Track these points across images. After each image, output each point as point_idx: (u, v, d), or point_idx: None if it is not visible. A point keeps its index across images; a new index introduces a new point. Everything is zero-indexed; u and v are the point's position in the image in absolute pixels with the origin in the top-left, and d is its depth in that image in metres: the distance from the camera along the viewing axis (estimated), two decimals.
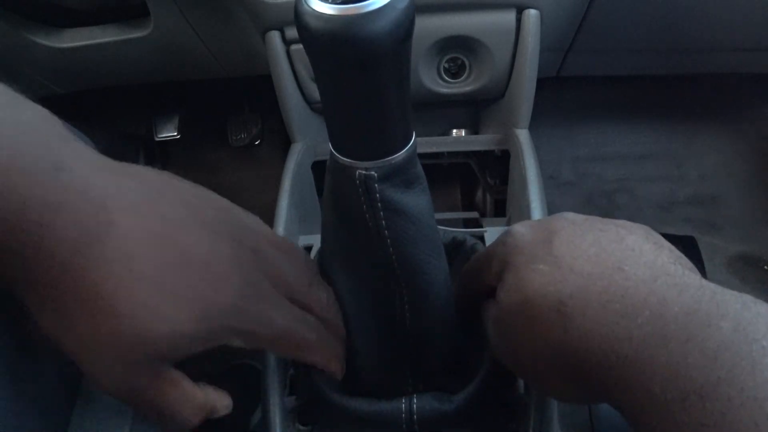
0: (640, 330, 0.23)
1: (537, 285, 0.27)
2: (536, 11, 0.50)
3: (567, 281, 0.26)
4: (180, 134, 0.91)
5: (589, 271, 0.26)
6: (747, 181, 0.86)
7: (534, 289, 0.27)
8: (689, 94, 0.86)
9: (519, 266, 0.28)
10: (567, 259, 0.27)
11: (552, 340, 0.26)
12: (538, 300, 0.26)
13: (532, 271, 0.28)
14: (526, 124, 0.54)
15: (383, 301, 0.33)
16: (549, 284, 0.26)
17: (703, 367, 0.20)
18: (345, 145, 0.27)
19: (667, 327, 0.22)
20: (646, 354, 0.22)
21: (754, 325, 0.20)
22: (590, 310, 0.25)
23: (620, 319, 0.23)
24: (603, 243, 0.27)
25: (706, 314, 0.21)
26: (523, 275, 0.28)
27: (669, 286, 0.24)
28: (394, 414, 0.35)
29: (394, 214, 0.28)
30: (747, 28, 0.62)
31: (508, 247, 0.30)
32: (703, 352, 0.20)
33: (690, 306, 0.22)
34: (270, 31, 0.52)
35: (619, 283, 0.25)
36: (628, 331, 0.23)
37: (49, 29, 0.60)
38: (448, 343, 0.35)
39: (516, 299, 0.28)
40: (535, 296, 0.27)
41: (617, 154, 0.88)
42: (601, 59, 0.69)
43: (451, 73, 0.55)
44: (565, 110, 0.88)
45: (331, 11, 0.21)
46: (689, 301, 0.22)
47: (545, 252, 0.28)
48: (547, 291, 0.26)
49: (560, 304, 0.26)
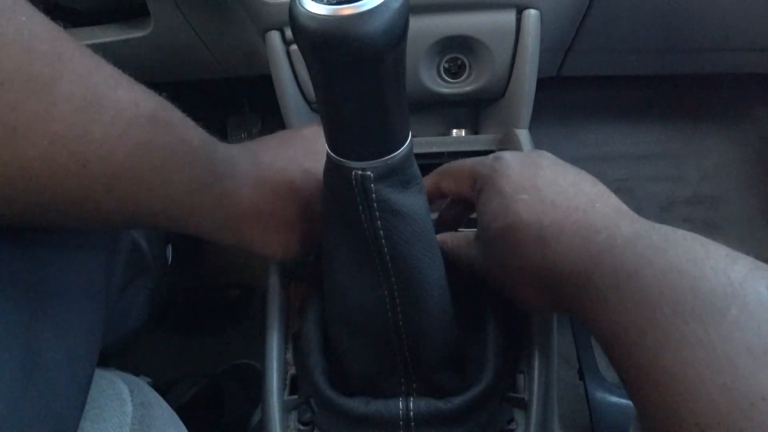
0: (597, 246, 0.28)
1: (522, 214, 0.32)
2: (536, 11, 0.50)
3: (547, 213, 0.31)
4: None
5: (567, 205, 0.31)
6: (747, 181, 0.86)
7: (519, 217, 0.32)
8: (689, 94, 0.86)
9: (507, 194, 0.33)
10: (549, 193, 0.32)
11: (532, 260, 0.31)
12: (522, 227, 0.32)
13: (518, 201, 0.33)
14: (526, 124, 0.54)
15: (376, 300, 0.33)
16: (532, 214, 0.32)
17: (634, 263, 0.25)
18: (341, 146, 0.27)
19: (616, 242, 0.27)
20: (597, 260, 0.28)
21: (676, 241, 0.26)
22: (564, 237, 0.30)
23: (585, 242, 0.29)
24: (581, 184, 0.33)
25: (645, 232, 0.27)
26: (510, 203, 0.33)
27: (626, 218, 0.29)
28: (391, 414, 0.35)
29: (389, 214, 0.29)
30: (747, 28, 0.62)
31: (498, 173, 0.35)
32: (637, 252, 0.26)
33: (637, 230, 0.28)
34: (270, 31, 0.52)
35: (589, 216, 0.30)
36: (588, 249, 0.29)
37: None
38: (444, 344, 0.35)
39: (502, 224, 0.33)
40: (520, 224, 0.32)
41: (617, 154, 0.88)
42: (601, 59, 0.69)
43: (451, 73, 0.55)
44: (565, 110, 0.88)
45: (325, 12, 0.21)
46: (637, 227, 0.28)
47: (531, 184, 0.33)
48: (530, 220, 0.32)
49: (540, 231, 0.31)
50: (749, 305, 0.21)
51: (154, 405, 0.40)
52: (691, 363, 0.21)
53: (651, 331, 0.23)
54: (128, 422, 0.37)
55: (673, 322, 0.23)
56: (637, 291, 0.25)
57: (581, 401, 0.68)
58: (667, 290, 0.24)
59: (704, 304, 0.22)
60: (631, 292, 0.25)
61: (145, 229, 0.30)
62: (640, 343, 0.24)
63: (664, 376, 0.22)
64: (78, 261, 0.36)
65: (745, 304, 0.22)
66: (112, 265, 0.42)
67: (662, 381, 0.22)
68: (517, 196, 0.33)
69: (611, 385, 0.67)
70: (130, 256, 0.46)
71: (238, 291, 0.87)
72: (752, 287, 0.22)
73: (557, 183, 0.33)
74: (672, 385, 0.22)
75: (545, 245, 0.31)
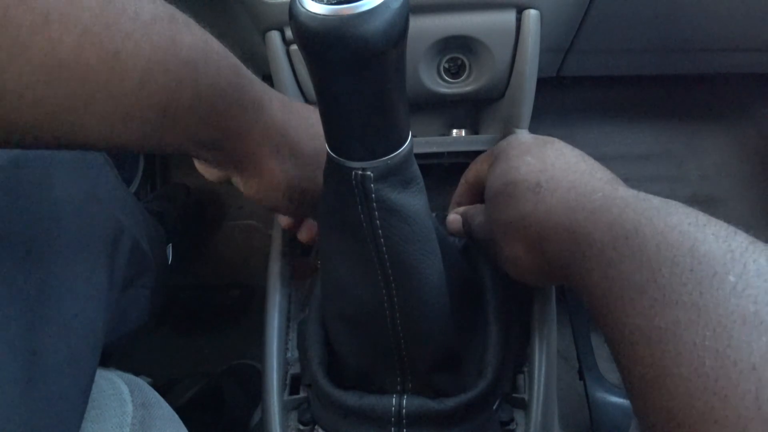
0: (592, 204, 0.29)
1: (522, 171, 0.34)
2: (536, 11, 0.50)
3: (546, 171, 0.33)
4: None
5: (566, 168, 0.33)
6: (747, 181, 0.86)
7: (518, 173, 0.34)
8: (689, 94, 0.86)
9: (512, 157, 0.36)
10: (551, 158, 0.34)
11: (524, 210, 0.32)
12: (520, 182, 0.33)
13: (521, 162, 0.35)
14: (526, 124, 0.54)
15: (374, 298, 0.33)
16: (531, 172, 0.33)
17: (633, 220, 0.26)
18: (340, 145, 0.27)
19: (614, 201, 0.28)
20: (594, 216, 0.28)
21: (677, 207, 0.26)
22: (558, 192, 0.31)
23: (580, 198, 0.30)
24: (586, 160, 0.34)
25: (645, 196, 0.28)
26: (513, 163, 0.35)
27: (623, 186, 0.31)
28: (384, 409, 0.35)
29: (389, 214, 0.29)
30: (747, 28, 0.62)
31: (509, 145, 0.37)
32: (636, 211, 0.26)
33: (635, 194, 0.29)
34: (270, 31, 0.52)
35: (586, 180, 0.32)
36: (583, 203, 0.30)
37: None
38: (441, 344, 0.35)
39: (503, 181, 0.35)
40: (519, 179, 0.34)
41: (617, 154, 0.88)
42: (601, 59, 0.69)
43: (451, 73, 0.55)
44: (565, 110, 0.88)
45: (325, 11, 0.21)
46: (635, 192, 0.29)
47: (536, 151, 0.35)
48: (528, 176, 0.33)
49: (536, 186, 0.33)
50: (748, 274, 0.21)
51: (154, 405, 0.40)
52: (685, 325, 0.21)
53: (648, 290, 0.23)
54: (128, 422, 0.37)
55: (670, 281, 0.22)
56: (637, 248, 0.24)
57: (581, 401, 0.68)
58: (666, 249, 0.23)
59: (702, 267, 0.22)
60: (630, 249, 0.25)
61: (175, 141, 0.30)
62: (636, 301, 0.23)
63: (657, 335, 0.22)
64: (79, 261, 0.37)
65: (744, 273, 0.21)
66: (113, 265, 0.42)
67: (654, 340, 0.22)
68: (521, 159, 0.35)
69: (611, 385, 0.67)
70: (131, 256, 0.46)
71: (238, 291, 0.87)
72: (752, 257, 0.22)
73: (563, 154, 0.35)
74: (663, 345, 0.22)
75: (538, 198, 0.32)
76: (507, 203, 0.34)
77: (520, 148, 0.36)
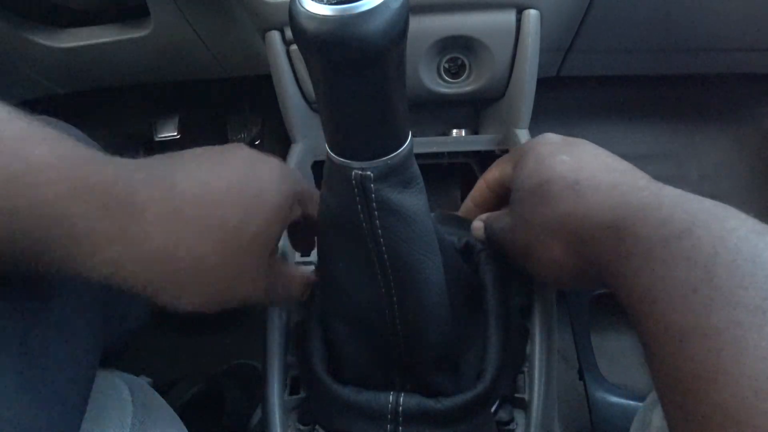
0: (640, 201, 0.28)
1: (557, 169, 0.32)
2: (536, 11, 0.50)
3: (584, 170, 0.32)
4: (180, 134, 0.91)
5: (604, 167, 0.32)
6: (747, 181, 0.86)
7: (554, 171, 0.32)
8: (689, 94, 0.86)
9: (544, 155, 0.34)
10: (587, 157, 0.33)
11: (563, 208, 0.31)
12: (556, 180, 0.32)
13: (556, 160, 0.33)
14: (526, 124, 0.54)
15: (373, 298, 0.33)
16: (569, 171, 0.32)
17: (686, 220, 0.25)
18: (341, 145, 0.27)
19: (663, 198, 0.27)
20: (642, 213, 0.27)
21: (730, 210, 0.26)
22: (601, 190, 0.30)
23: (625, 194, 0.29)
24: (622, 161, 0.33)
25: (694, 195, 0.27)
26: (547, 162, 0.33)
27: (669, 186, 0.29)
28: (380, 405, 0.35)
29: (388, 214, 0.29)
30: (747, 28, 0.62)
31: (537, 143, 0.36)
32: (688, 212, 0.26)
33: (683, 193, 0.28)
34: (270, 31, 0.52)
35: (630, 178, 0.31)
36: (629, 202, 0.28)
37: (49, 29, 0.60)
38: (440, 344, 0.35)
39: (537, 180, 0.33)
40: (555, 177, 0.32)
41: (617, 154, 0.87)
42: (601, 59, 0.69)
43: (451, 73, 0.55)
44: (565, 110, 0.88)
45: (324, 12, 0.21)
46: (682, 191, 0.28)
47: (569, 150, 0.34)
48: (565, 174, 0.32)
49: (575, 183, 0.31)
50: None
51: (154, 405, 0.40)
52: (747, 326, 0.21)
53: (704, 289, 0.22)
54: (128, 423, 0.37)
55: (730, 283, 0.22)
56: (691, 248, 0.24)
57: (581, 401, 0.68)
58: (723, 252, 0.23)
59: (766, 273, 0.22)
60: (682, 249, 0.24)
61: None
62: (691, 300, 0.23)
63: (713, 333, 0.22)
64: None
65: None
66: None
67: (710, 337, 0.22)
68: (555, 157, 0.33)
69: (611, 385, 0.67)
70: None
71: None
72: None
73: (595, 154, 0.34)
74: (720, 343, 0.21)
75: (579, 195, 0.31)
76: (543, 203, 0.32)
77: (551, 146, 0.35)
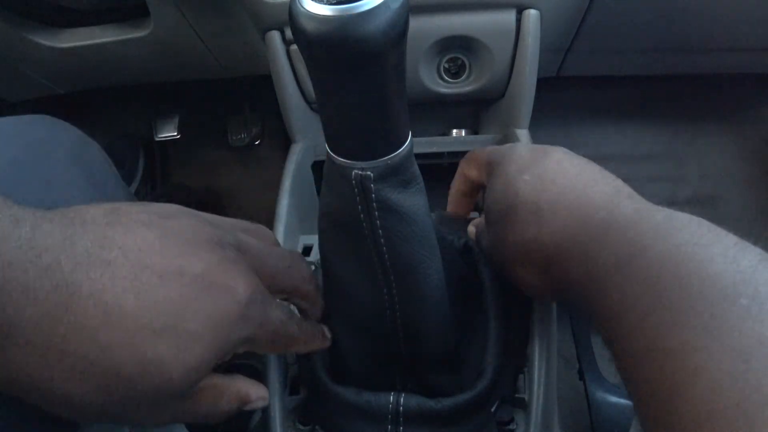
0: (595, 227, 0.28)
1: (521, 193, 0.32)
2: (536, 11, 0.50)
3: (546, 191, 0.31)
4: (180, 134, 0.91)
5: (566, 184, 0.31)
6: (747, 181, 0.86)
7: (518, 196, 0.32)
8: (689, 94, 0.86)
9: (510, 175, 0.34)
10: (550, 174, 0.32)
11: (528, 235, 0.31)
12: (520, 206, 0.32)
13: (519, 181, 0.33)
14: (526, 124, 0.54)
15: (374, 298, 0.33)
16: (531, 193, 0.32)
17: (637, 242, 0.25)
18: (341, 145, 0.27)
19: (617, 221, 0.27)
20: (597, 238, 0.27)
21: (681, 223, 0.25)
22: (560, 214, 0.30)
23: (583, 219, 0.29)
24: (587, 171, 0.33)
25: (647, 212, 0.27)
26: (511, 183, 0.33)
27: (626, 199, 0.29)
28: (381, 406, 0.35)
29: (389, 214, 0.29)
30: (747, 28, 0.62)
31: (506, 158, 0.35)
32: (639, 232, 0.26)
33: (639, 209, 0.27)
34: (270, 31, 0.52)
35: (589, 194, 0.30)
36: (586, 225, 0.29)
37: (49, 29, 0.60)
38: (441, 344, 0.35)
39: (504, 205, 0.33)
40: (518, 203, 0.32)
41: (617, 154, 0.88)
42: (601, 59, 0.69)
43: (451, 73, 0.55)
44: (565, 110, 0.88)
45: (324, 12, 0.21)
46: (639, 207, 0.28)
47: (534, 166, 0.33)
48: (528, 198, 0.32)
49: (537, 210, 0.31)
50: (761, 295, 0.20)
51: None
52: (699, 348, 0.20)
53: (655, 312, 0.22)
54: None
55: (679, 304, 0.22)
56: (641, 270, 0.24)
57: (581, 401, 0.68)
58: (672, 271, 0.23)
59: (713, 290, 0.21)
60: (634, 272, 0.24)
61: None
62: (643, 324, 0.23)
63: (669, 358, 0.21)
64: None
65: (757, 294, 0.21)
66: None
67: (666, 363, 0.21)
68: (519, 177, 0.33)
69: (611, 385, 0.67)
70: None
71: None
72: (764, 277, 0.21)
73: (562, 166, 0.33)
74: (676, 367, 0.21)
75: (541, 222, 0.31)
76: (510, 229, 0.33)
77: (517, 164, 0.34)
